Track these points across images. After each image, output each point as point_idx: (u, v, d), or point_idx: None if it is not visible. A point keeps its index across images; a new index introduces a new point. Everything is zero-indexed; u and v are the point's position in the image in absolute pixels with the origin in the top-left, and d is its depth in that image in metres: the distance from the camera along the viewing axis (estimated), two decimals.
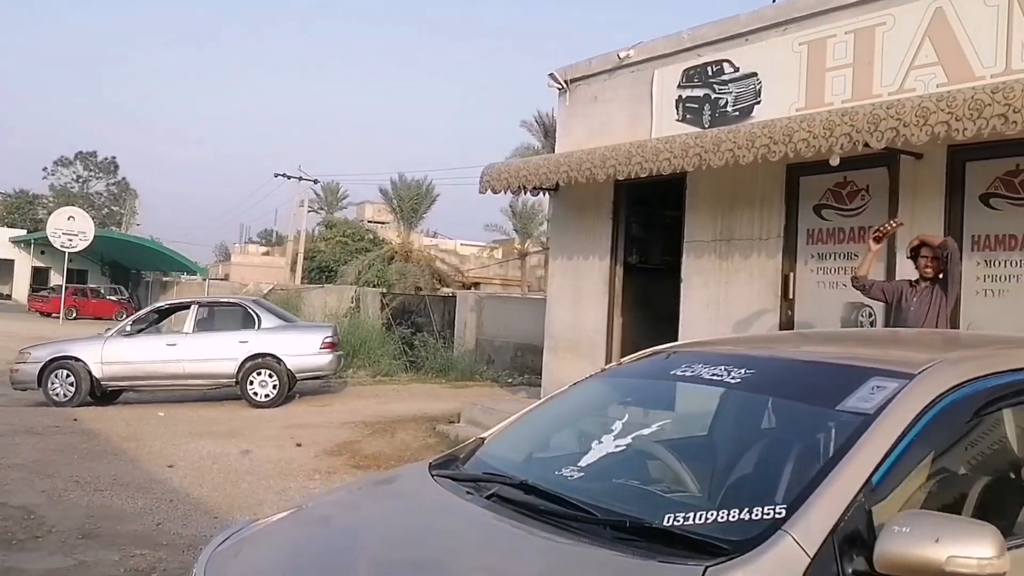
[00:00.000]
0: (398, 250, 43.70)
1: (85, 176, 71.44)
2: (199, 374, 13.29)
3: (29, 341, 26.44)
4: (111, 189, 71.76)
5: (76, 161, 71.18)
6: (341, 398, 14.32)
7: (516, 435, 3.65)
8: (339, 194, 67.12)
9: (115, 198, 70.85)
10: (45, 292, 43.04)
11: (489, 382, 16.84)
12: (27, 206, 68.39)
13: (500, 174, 10.63)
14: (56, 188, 69.95)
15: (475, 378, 17.01)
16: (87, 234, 35.10)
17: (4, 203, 69.09)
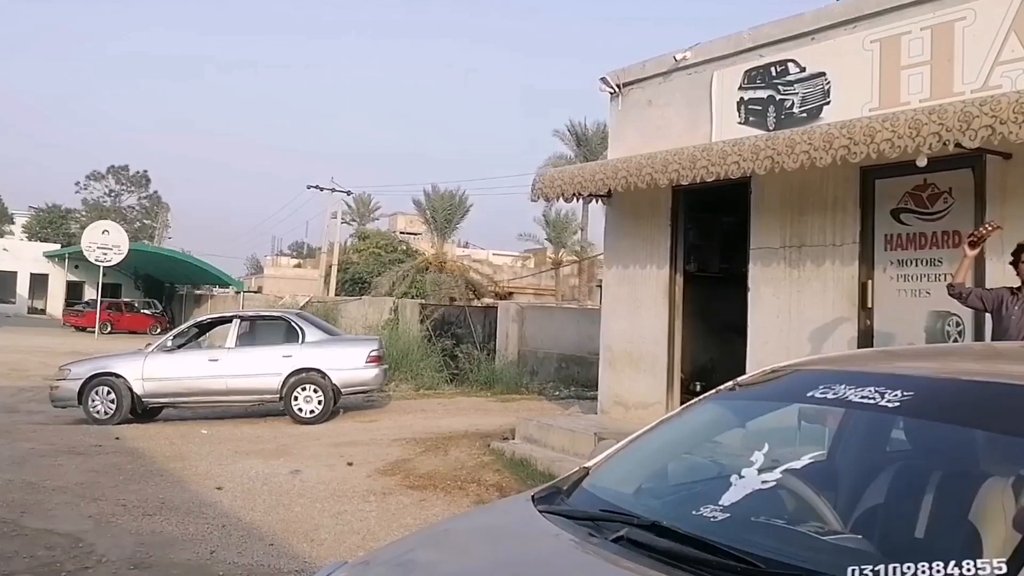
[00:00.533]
0: (432, 261, 43.59)
1: (117, 190, 72.23)
2: (242, 390, 13.08)
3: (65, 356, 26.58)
4: (143, 203, 72.46)
5: (108, 175, 71.99)
6: (387, 413, 14.04)
7: (627, 465, 3.33)
8: (371, 205, 67.41)
9: (147, 212, 71.48)
10: (79, 306, 43.26)
11: (535, 395, 16.51)
12: (60, 221, 69.13)
13: (553, 181, 10.31)
14: (88, 202, 70.77)
15: (520, 391, 16.69)
16: (121, 248, 35.20)
17: (37, 218, 69.88)
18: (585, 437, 9.58)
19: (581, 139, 47.07)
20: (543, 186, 10.45)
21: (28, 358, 24.99)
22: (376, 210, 68.47)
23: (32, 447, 10.48)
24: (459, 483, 8.78)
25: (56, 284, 51.02)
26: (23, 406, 15.48)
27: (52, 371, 21.99)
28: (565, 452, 9.66)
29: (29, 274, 51.60)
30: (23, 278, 51.41)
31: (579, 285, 48.77)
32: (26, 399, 16.58)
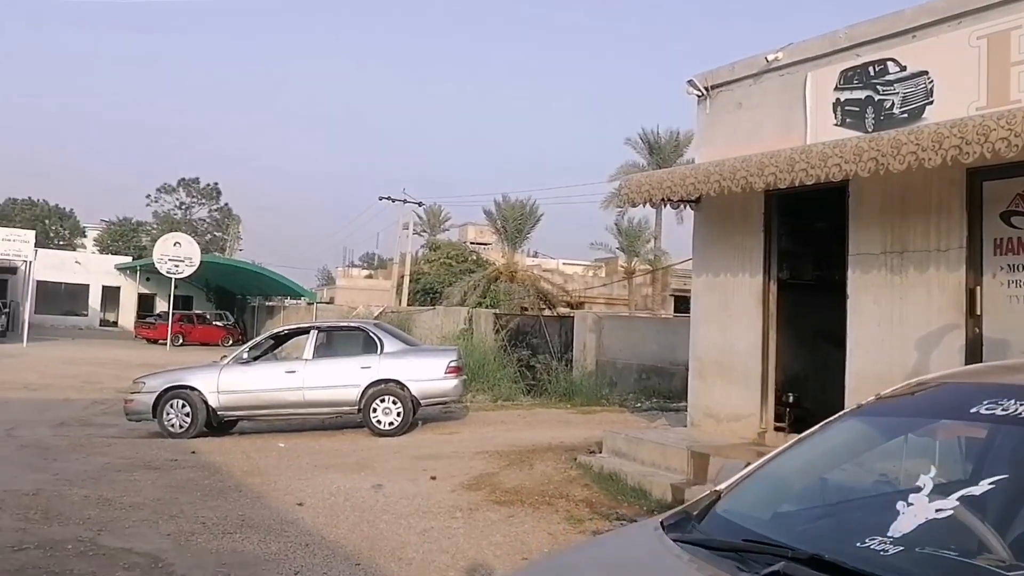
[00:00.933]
0: (503, 271, 43.53)
1: (188, 203, 73.60)
2: (320, 402, 13.08)
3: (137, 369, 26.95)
4: (213, 215, 73.72)
5: (179, 188, 73.38)
6: (466, 425, 13.92)
7: (763, 488, 3.10)
8: (441, 216, 67.73)
9: (218, 224, 72.75)
10: (151, 319, 44.09)
11: (616, 407, 16.25)
12: (130, 233, 70.77)
13: (640, 186, 10.07)
14: (159, 215, 72.23)
15: (601, 402, 16.44)
16: (193, 260, 35.84)
17: (108, 231, 71.67)
18: (677, 451, 9.32)
19: (653, 147, 46.65)
20: (630, 191, 10.21)
21: (100, 371, 25.52)
22: (446, 221, 68.79)
23: (107, 461, 10.56)
24: (547, 498, 8.59)
25: (128, 296, 52.00)
26: (97, 419, 15.73)
27: (125, 384, 22.37)
28: (656, 467, 9.42)
29: (101, 287, 52.77)
30: (95, 291, 52.63)
31: (652, 295, 48.31)
32: (99, 412, 16.87)
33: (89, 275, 52.34)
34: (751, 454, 9.21)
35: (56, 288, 49.72)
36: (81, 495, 8.55)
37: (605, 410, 15.62)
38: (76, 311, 51.64)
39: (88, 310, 52.28)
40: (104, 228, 72.85)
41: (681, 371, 17.65)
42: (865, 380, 8.63)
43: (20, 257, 35.18)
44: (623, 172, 47.26)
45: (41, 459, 10.61)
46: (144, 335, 41.17)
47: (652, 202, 10.33)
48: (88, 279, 52.24)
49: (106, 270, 53.12)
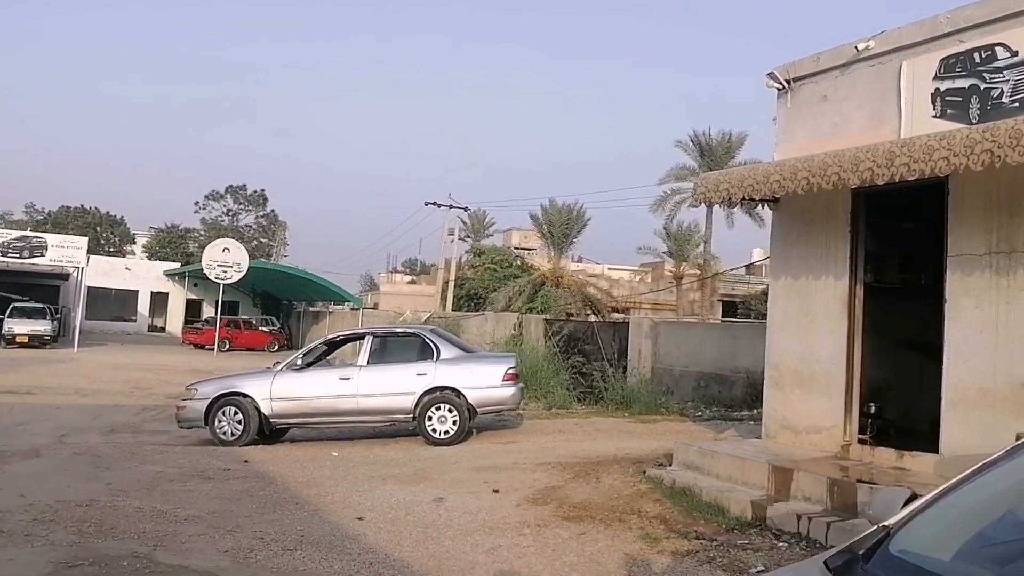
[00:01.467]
0: (548, 275, 43.02)
1: (235, 209, 73.78)
2: (374, 410, 12.64)
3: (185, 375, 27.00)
4: (260, 221, 73.88)
5: (227, 195, 73.57)
6: (523, 434, 13.40)
7: (939, 523, 2.66)
8: (485, 222, 67.33)
9: (264, 230, 72.92)
10: (199, 324, 44.14)
11: (676, 416, 15.63)
12: (178, 240, 71.07)
13: (718, 184, 9.50)
14: (207, 222, 72.52)
15: (660, 411, 15.83)
16: (241, 265, 35.69)
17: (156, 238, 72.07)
18: (756, 465, 8.74)
19: (704, 149, 45.82)
20: (707, 189, 9.65)
21: (149, 376, 25.40)
22: (491, 226, 68.29)
23: (160, 470, 10.21)
24: (618, 514, 8.07)
25: (176, 302, 52.22)
26: (147, 426, 15.47)
27: (174, 389, 22.24)
28: (733, 482, 8.85)
29: (150, 292, 52.90)
30: (144, 296, 52.77)
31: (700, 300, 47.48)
32: (150, 418, 16.63)
33: (138, 281, 52.56)
34: (834, 468, 8.62)
35: (106, 294, 49.95)
36: (135, 507, 8.18)
37: (665, 419, 15.01)
38: (125, 316, 51.86)
39: (137, 316, 52.44)
40: (153, 235, 73.25)
41: (742, 379, 17.06)
42: (965, 391, 8.01)
43: (72, 263, 35.36)
44: (674, 175, 46.59)
45: (94, 467, 10.29)
46: (191, 340, 41.18)
47: (731, 201, 9.78)
48: (137, 285, 52.43)
49: (155, 276, 53.29)
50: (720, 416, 15.23)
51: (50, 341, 34.60)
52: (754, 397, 16.53)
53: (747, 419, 14.93)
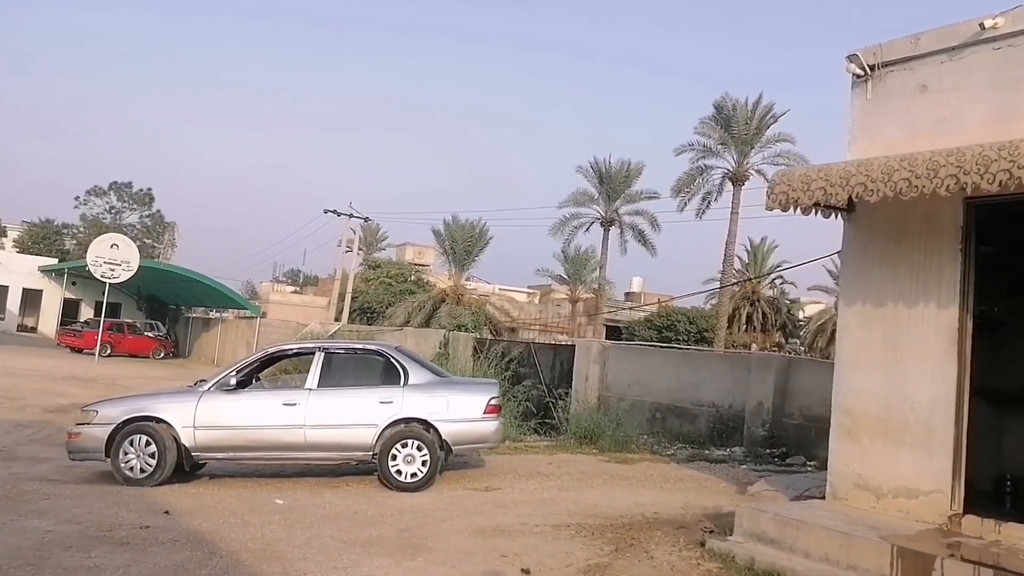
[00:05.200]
0: (449, 292, 40.57)
1: (119, 207, 68.19)
2: (326, 444, 9.80)
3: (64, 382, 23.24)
4: (145, 221, 68.45)
5: (110, 191, 67.96)
6: (497, 476, 10.71)
7: None
8: (378, 235, 64.21)
9: (149, 231, 67.54)
10: (77, 326, 39.43)
11: (648, 453, 13.29)
12: (54, 236, 65.20)
13: (806, 184, 7.21)
14: (87, 218, 66.74)
15: (630, 448, 13.43)
16: (131, 264, 31.59)
17: (29, 232, 65.88)
18: (868, 545, 6.44)
19: (604, 176, 44.23)
20: (786, 189, 7.36)
21: (22, 383, 21.49)
22: (383, 240, 65.30)
23: (49, 528, 7.25)
24: None
25: (50, 301, 46.86)
26: (22, 449, 12.16)
27: (52, 400, 18.69)
28: (834, 564, 6.54)
29: (21, 289, 47.44)
30: (14, 293, 47.16)
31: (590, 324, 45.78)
32: (25, 439, 13.27)
33: (8, 275, 46.87)
34: (940, 547, 6.42)
35: None
36: None
37: (642, 459, 12.59)
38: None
39: (5, 313, 46.86)
40: (25, 229, 66.94)
41: (708, 413, 14.93)
42: None
43: None
44: (574, 199, 44.79)
45: None
46: (68, 343, 36.55)
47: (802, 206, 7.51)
48: (7, 280, 46.76)
49: (28, 271, 47.73)
50: (699, 456, 12.97)
51: None
52: (722, 434, 14.43)
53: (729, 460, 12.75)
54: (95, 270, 31.35)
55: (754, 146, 38.99)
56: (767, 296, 48.57)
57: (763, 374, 14.00)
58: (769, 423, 13.69)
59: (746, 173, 38.65)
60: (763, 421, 13.76)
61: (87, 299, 45.54)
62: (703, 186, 39.55)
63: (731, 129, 38.61)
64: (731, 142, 38.76)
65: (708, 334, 41.75)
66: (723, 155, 39.28)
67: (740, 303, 46.05)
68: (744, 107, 38.79)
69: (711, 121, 39.49)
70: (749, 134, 38.59)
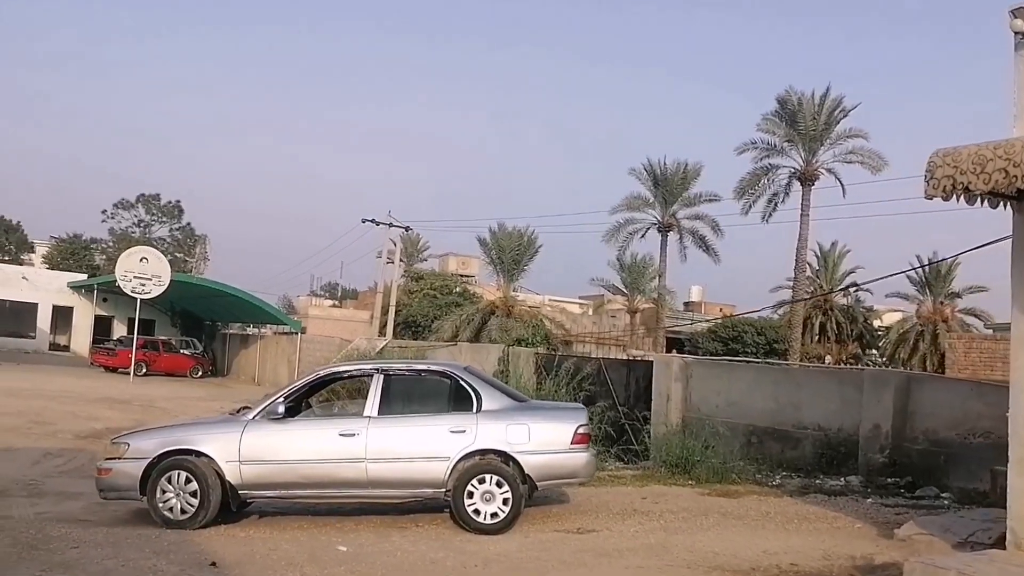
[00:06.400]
0: (499, 304, 39.64)
1: (147, 220, 68.26)
2: (390, 480, 8.84)
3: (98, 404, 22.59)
4: (175, 234, 68.48)
5: (138, 204, 68.07)
6: (587, 515, 9.62)
7: None
8: (420, 245, 63.56)
9: (179, 244, 67.55)
10: (110, 344, 39.06)
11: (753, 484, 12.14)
12: (83, 251, 65.34)
13: (979, 164, 6.11)
14: (116, 232, 66.87)
15: (730, 477, 12.29)
16: (162, 278, 31.10)
17: (58, 248, 66.15)
18: None
19: (659, 179, 42.95)
20: (956, 170, 6.26)
21: (52, 406, 20.88)
22: (425, 250, 64.62)
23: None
24: None
25: (82, 318, 46.61)
26: (51, 482, 11.39)
27: (85, 425, 17.98)
28: None
29: (52, 306, 47.29)
30: (44, 310, 47.08)
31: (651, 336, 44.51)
32: (54, 470, 12.54)
33: (37, 293, 46.81)
34: None
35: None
36: None
37: (748, 492, 11.48)
38: (22, 332, 46.00)
39: (36, 332, 46.72)
40: (53, 245, 67.25)
41: (813, 436, 13.76)
42: None
43: None
44: (627, 204, 43.58)
45: None
46: (101, 362, 36.17)
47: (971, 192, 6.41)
48: (36, 297, 46.68)
49: (57, 288, 47.59)
50: (811, 487, 11.82)
51: None
52: (832, 460, 13.25)
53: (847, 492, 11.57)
54: (125, 285, 30.91)
55: (823, 143, 37.68)
56: (840, 304, 47.01)
57: (878, 393, 12.82)
58: (888, 448, 12.49)
59: (815, 172, 37.35)
60: (881, 446, 12.57)
61: (119, 316, 45.21)
62: (768, 187, 38.40)
63: (797, 125, 37.33)
64: (798, 139, 37.46)
65: (778, 346, 40.39)
66: (789, 153, 38.04)
67: (812, 312, 44.51)
68: (810, 101, 37.50)
69: (775, 117, 38.25)
70: (817, 130, 37.29)
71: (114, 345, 38.00)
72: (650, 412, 16.17)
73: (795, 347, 36.99)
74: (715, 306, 55.46)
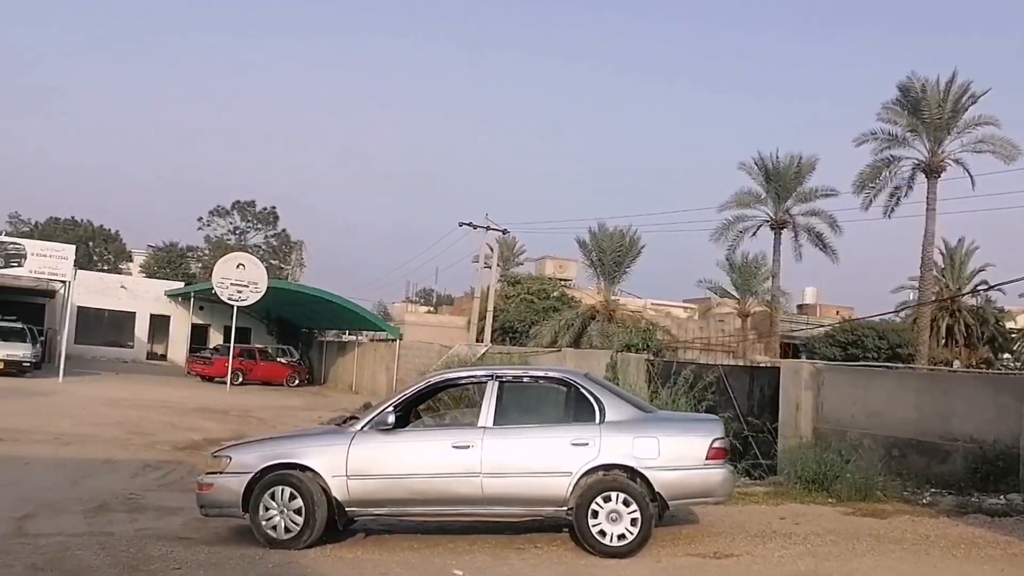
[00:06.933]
0: (600, 308, 38.91)
1: (243, 227, 69.53)
2: (507, 497, 8.34)
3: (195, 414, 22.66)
4: (270, 241, 69.61)
5: (233, 211, 69.35)
6: (723, 536, 8.91)
7: None
8: (515, 249, 63.19)
9: (275, 251, 68.66)
10: (207, 352, 39.67)
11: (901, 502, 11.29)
12: (179, 259, 66.94)
13: None
14: (212, 240, 68.28)
15: (874, 495, 11.45)
16: (259, 285, 31.30)
17: (155, 257, 67.94)
18: None
19: (771, 173, 41.65)
20: None
21: (151, 416, 21.10)
22: (520, 253, 64.20)
23: None
24: None
25: (179, 327, 47.38)
26: (151, 496, 11.26)
27: (183, 436, 17.96)
28: None
29: (149, 315, 48.13)
30: (142, 319, 47.94)
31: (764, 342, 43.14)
32: (154, 483, 12.45)
33: (135, 302, 47.75)
34: None
35: (98, 315, 45.35)
36: None
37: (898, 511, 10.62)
38: (120, 342, 47.03)
39: (134, 341, 47.74)
40: (150, 254, 69.18)
41: (965, 449, 12.78)
42: None
43: (57, 276, 30.72)
44: (737, 200, 42.39)
45: None
46: (198, 371, 36.70)
47: None
48: (134, 306, 47.60)
49: (155, 296, 48.52)
50: (969, 506, 10.89)
51: (31, 368, 30.02)
52: (988, 476, 12.26)
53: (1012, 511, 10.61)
54: (221, 292, 31.20)
55: (950, 132, 35.89)
56: (968, 305, 44.83)
57: None
58: None
59: (942, 163, 35.57)
60: None
61: (215, 324, 45.91)
62: (890, 180, 36.79)
63: (921, 114, 35.57)
64: (922, 128, 35.75)
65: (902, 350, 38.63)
66: (912, 144, 36.35)
67: (937, 314, 42.53)
68: (935, 88, 35.76)
69: (896, 106, 36.58)
70: (943, 118, 35.51)
71: (210, 354, 38.51)
72: (776, 423, 15.37)
73: (923, 351, 35.34)
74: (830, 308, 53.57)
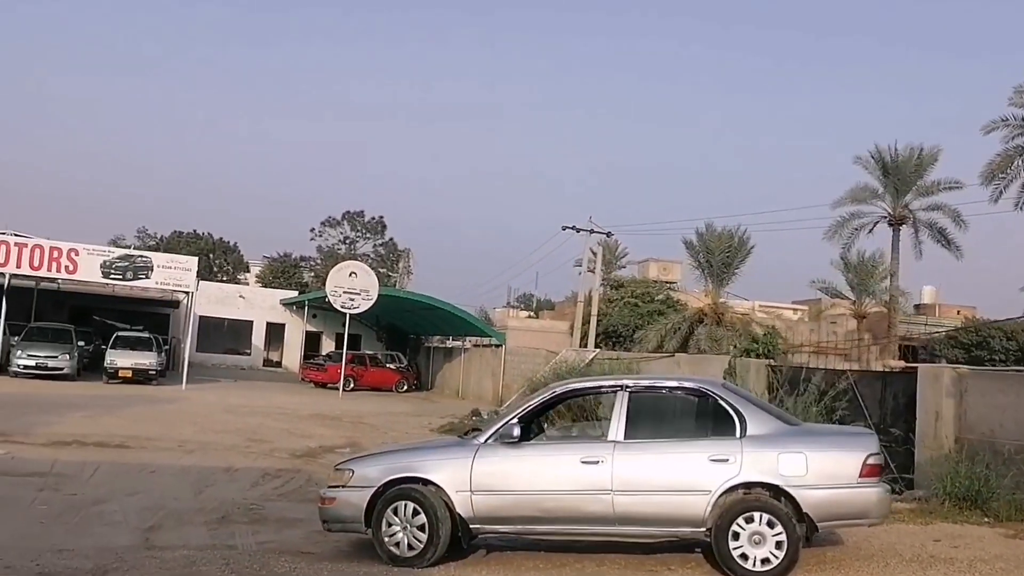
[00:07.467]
0: (707, 312, 37.76)
1: (352, 237, 70.70)
2: (640, 516, 7.75)
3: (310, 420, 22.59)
4: (379, 250, 70.50)
5: (343, 221, 70.59)
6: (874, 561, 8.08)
7: None
8: (617, 252, 62.26)
9: (383, 259, 69.45)
10: (320, 359, 40.11)
11: None
12: (292, 269, 68.30)
13: None
14: (323, 250, 69.63)
15: None
16: (370, 293, 31.42)
17: (269, 267, 69.51)
18: None
19: (889, 167, 39.58)
20: None
21: (268, 423, 21.17)
22: (623, 256, 63.21)
23: None
24: None
25: (293, 334, 48.23)
26: (271, 507, 11.04)
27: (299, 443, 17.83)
28: None
29: (265, 323, 49.13)
30: (259, 327, 48.94)
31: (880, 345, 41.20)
32: (274, 492, 12.27)
33: (253, 311, 48.81)
34: None
35: (218, 324, 46.42)
36: None
37: None
38: (239, 349, 48.18)
39: (251, 348, 48.74)
40: (265, 264, 70.86)
41: None
42: None
43: (181, 287, 31.47)
44: (853, 196, 40.43)
45: None
46: (312, 378, 37.14)
47: None
48: (252, 315, 48.67)
49: (270, 305, 49.48)
50: None
51: (156, 376, 30.69)
52: None
53: None
54: (335, 301, 31.37)
55: None
56: None
57: None
58: None
59: None
60: None
61: (328, 331, 46.47)
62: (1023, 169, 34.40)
63: None
64: None
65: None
66: None
67: None
68: None
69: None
70: None
71: (323, 361, 38.95)
72: (913, 433, 14.35)
73: None
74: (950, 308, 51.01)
